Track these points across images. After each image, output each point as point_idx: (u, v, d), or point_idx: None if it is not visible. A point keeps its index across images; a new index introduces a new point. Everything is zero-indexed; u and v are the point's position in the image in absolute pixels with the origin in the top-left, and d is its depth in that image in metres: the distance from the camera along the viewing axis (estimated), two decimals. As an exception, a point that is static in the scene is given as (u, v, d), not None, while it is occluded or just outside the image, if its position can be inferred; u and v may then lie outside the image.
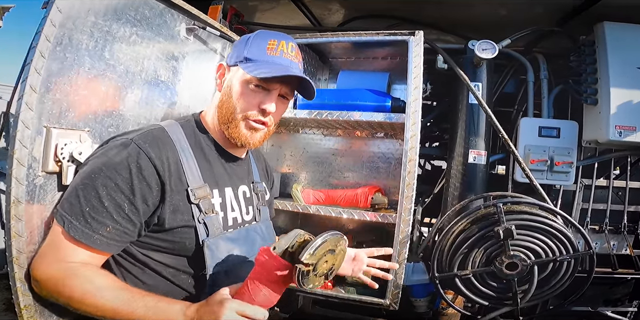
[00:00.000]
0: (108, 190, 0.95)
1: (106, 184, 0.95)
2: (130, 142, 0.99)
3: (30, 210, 1.00)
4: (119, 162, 0.96)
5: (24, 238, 0.99)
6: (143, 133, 1.04)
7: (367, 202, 1.78)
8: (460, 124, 1.80)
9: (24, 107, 0.98)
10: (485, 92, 1.75)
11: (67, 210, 0.95)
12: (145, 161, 0.98)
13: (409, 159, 1.54)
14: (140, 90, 1.37)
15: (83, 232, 0.93)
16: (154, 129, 1.07)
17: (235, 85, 1.12)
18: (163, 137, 1.06)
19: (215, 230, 1.08)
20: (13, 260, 0.97)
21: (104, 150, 1.00)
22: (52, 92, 1.05)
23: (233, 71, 1.14)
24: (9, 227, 0.97)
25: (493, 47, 1.65)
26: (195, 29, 1.58)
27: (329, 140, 2.12)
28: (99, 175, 0.95)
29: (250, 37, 1.14)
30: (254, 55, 1.10)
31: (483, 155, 1.75)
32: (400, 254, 1.58)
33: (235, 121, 1.11)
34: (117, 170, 0.96)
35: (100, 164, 0.97)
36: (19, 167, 0.96)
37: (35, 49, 1.01)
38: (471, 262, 1.51)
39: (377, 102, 1.68)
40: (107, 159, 0.97)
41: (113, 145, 1.01)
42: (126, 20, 1.27)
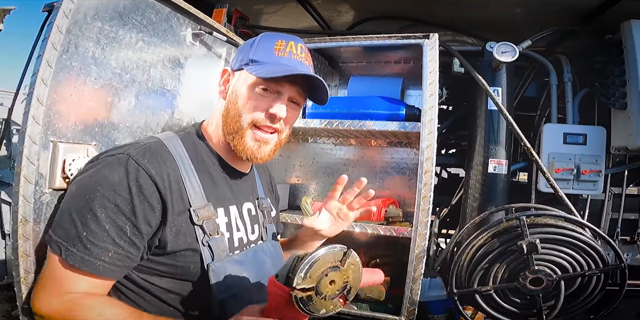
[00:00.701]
0: (107, 212, 0.92)
1: (105, 206, 0.92)
2: (127, 158, 0.96)
3: (37, 228, 1.03)
4: (117, 182, 0.93)
5: (31, 258, 1.01)
6: (140, 147, 1.00)
7: (380, 215, 1.80)
8: (479, 131, 1.83)
9: (31, 121, 1.01)
10: (505, 97, 1.77)
11: (62, 236, 0.91)
12: (145, 179, 0.95)
13: (425, 170, 1.57)
14: (147, 100, 1.41)
15: (83, 259, 0.90)
16: (152, 143, 1.03)
17: (241, 90, 1.09)
18: (162, 151, 1.03)
19: (221, 253, 1.05)
20: (21, 281, 1.00)
21: (97, 168, 0.96)
22: (59, 104, 1.09)
23: (238, 76, 1.12)
24: (17, 246, 0.99)
25: (513, 49, 1.67)
26: (202, 34, 1.62)
27: (340, 149, 2.16)
28: (95, 196, 0.92)
29: (256, 40, 1.13)
30: (260, 57, 1.08)
31: (504, 165, 1.78)
32: (417, 269, 1.60)
33: (241, 131, 1.08)
34: (115, 190, 0.93)
35: (94, 184, 0.93)
36: (26, 184, 1.00)
37: (42, 57, 1.04)
38: (492, 277, 1.51)
39: (391, 110, 1.71)
40: (102, 178, 0.93)
41: (107, 162, 0.96)
42: (132, 26, 1.31)
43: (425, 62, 1.63)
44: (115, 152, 0.98)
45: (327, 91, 1.13)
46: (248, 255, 1.15)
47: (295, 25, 2.35)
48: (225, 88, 1.16)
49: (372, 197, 1.33)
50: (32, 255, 1.02)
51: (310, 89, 1.15)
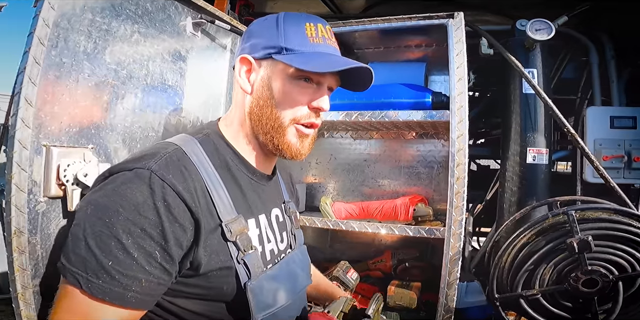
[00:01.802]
0: (134, 238, 0.84)
1: (130, 231, 0.83)
2: (149, 174, 0.87)
3: (33, 240, 0.99)
4: (141, 202, 0.85)
5: (28, 272, 0.98)
6: (161, 159, 0.91)
7: (408, 214, 1.74)
8: (514, 118, 1.75)
9: (20, 124, 0.97)
10: (541, 79, 1.69)
11: (79, 266, 0.82)
12: (173, 197, 0.87)
13: (457, 162, 1.50)
14: (147, 97, 1.36)
15: (112, 291, 0.82)
16: (171, 153, 0.94)
17: (276, 83, 1.02)
18: (185, 161, 0.95)
19: (257, 270, 1.00)
20: (18, 297, 0.96)
21: (114, 186, 0.87)
22: (50, 105, 1.04)
23: (267, 66, 1.04)
24: (12, 260, 0.96)
25: (548, 26, 1.59)
26: (203, 24, 1.58)
27: (359, 144, 2.10)
28: (117, 220, 0.83)
29: (278, 22, 1.04)
30: (293, 44, 1.00)
31: (544, 154, 1.70)
32: (452, 273, 1.53)
33: (281, 128, 1.02)
34: (140, 212, 0.84)
35: (114, 205, 0.84)
36: (18, 193, 0.95)
37: (28, 54, 0.99)
38: (539, 280, 1.44)
39: (416, 98, 1.64)
40: (122, 198, 0.85)
41: (126, 178, 0.87)
42: (126, 17, 1.26)
43: (451, 43, 1.56)
44: (133, 166, 0.89)
45: (372, 77, 1.09)
46: (282, 269, 1.11)
47: (305, 10, 2.29)
48: (250, 80, 1.06)
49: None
50: (29, 269, 0.98)
51: (347, 75, 1.09)
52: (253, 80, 1.06)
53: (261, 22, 1.07)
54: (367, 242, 1.93)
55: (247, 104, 1.06)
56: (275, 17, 1.05)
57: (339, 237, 2.09)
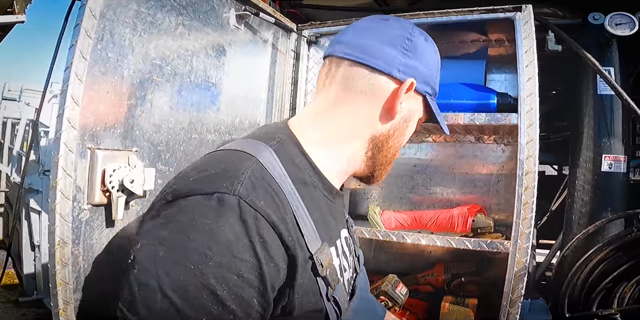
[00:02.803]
0: (230, 287, 0.69)
1: (225, 279, 0.68)
2: (236, 201, 0.72)
3: (75, 251, 0.96)
4: (234, 240, 0.70)
5: (71, 285, 0.94)
6: (244, 179, 0.75)
7: (466, 225, 1.67)
8: (587, 121, 1.66)
9: (66, 125, 0.94)
10: (619, 78, 1.61)
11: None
12: (267, 230, 0.73)
13: (526, 170, 1.43)
14: (191, 96, 1.33)
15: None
16: (253, 168, 0.79)
17: (413, 122, 1.01)
18: (269, 180, 0.79)
19: (344, 305, 0.90)
20: (59, 313, 0.92)
21: (190, 218, 0.71)
22: (95, 104, 1.00)
23: (416, 100, 0.98)
24: (54, 273, 0.92)
25: (631, 20, 1.51)
26: (247, 16, 1.54)
27: (409, 147, 2.03)
28: (206, 266, 0.68)
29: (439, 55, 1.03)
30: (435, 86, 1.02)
31: (622, 161, 1.61)
32: (515, 290, 1.46)
33: (392, 162, 1.02)
34: (235, 254, 0.69)
35: (199, 246, 0.69)
36: (63, 200, 0.91)
37: (74, 48, 0.95)
38: (617, 298, 1.39)
39: (479, 99, 1.57)
40: (207, 235, 0.69)
41: (204, 206, 0.72)
42: (171, 8, 1.23)
43: (519, 39, 1.48)
44: (213, 190, 0.72)
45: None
46: (362, 302, 1.03)
47: (349, 2, 2.24)
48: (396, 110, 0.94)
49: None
50: (71, 283, 0.94)
51: None
52: (400, 109, 0.95)
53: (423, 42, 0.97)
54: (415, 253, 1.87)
55: (380, 128, 0.96)
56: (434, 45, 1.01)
57: (385, 247, 2.02)
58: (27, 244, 4.24)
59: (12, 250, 4.67)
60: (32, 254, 4.19)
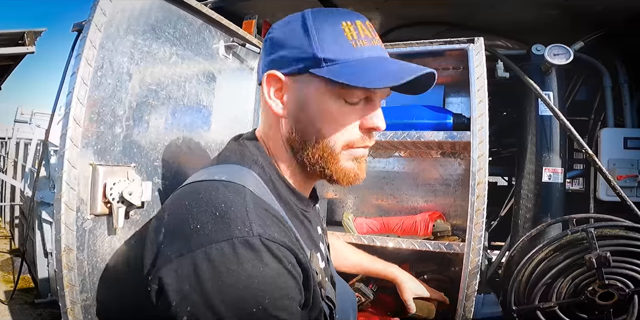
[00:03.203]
0: (293, 312, 0.69)
1: (286, 306, 0.68)
2: (258, 240, 0.67)
3: (80, 257, 0.95)
4: (276, 275, 0.68)
5: (77, 287, 0.94)
6: (251, 215, 0.70)
7: (427, 230, 1.69)
8: (530, 138, 1.70)
9: (69, 143, 0.94)
10: (557, 101, 1.66)
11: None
12: (290, 257, 0.71)
13: (478, 181, 1.46)
14: (184, 117, 1.33)
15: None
16: (250, 202, 0.72)
17: (317, 104, 0.79)
18: (267, 207, 0.75)
19: (334, 300, 0.91)
20: (67, 312, 0.93)
21: (228, 267, 0.65)
22: (96, 125, 1.01)
23: (301, 83, 0.81)
24: (61, 276, 0.92)
25: (567, 51, 1.56)
26: (235, 46, 1.55)
27: (378, 162, 2.05)
28: (268, 304, 0.66)
29: (308, 24, 0.78)
30: (334, 53, 0.76)
31: (560, 173, 1.65)
32: (470, 286, 1.48)
33: (332, 157, 0.81)
34: (282, 286, 0.68)
35: (255, 291, 0.65)
36: (68, 211, 0.92)
37: (76, 75, 0.96)
38: (556, 293, 1.41)
39: (437, 119, 1.60)
40: (252, 279, 0.65)
41: (233, 252, 0.65)
42: (165, 39, 1.24)
43: (471, 67, 1.52)
44: (229, 236, 0.66)
45: (434, 78, 0.86)
46: (340, 288, 1.03)
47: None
48: (282, 101, 0.83)
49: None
50: (77, 285, 0.94)
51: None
52: (286, 101, 0.83)
53: (284, 26, 0.84)
54: (384, 254, 1.87)
55: (284, 130, 0.85)
56: (301, 18, 0.81)
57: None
58: (41, 252, 4.22)
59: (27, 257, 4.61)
60: (46, 261, 4.17)
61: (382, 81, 0.74)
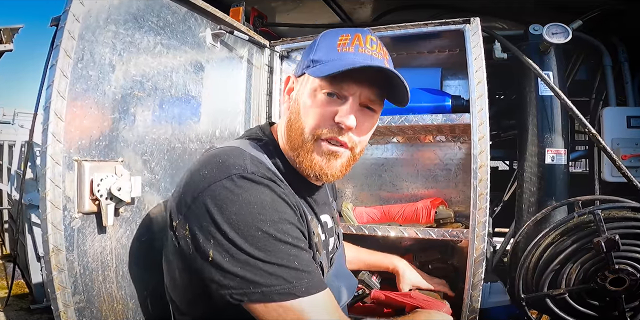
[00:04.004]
0: (288, 232, 0.83)
1: (284, 229, 0.83)
2: (252, 175, 0.84)
3: (70, 257, 0.93)
4: (271, 201, 0.84)
5: (69, 289, 0.91)
6: (246, 161, 0.87)
7: (430, 217, 1.67)
8: (531, 119, 1.68)
9: (51, 139, 0.91)
10: (557, 81, 1.63)
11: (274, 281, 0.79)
12: (283, 193, 0.88)
13: (479, 164, 1.43)
14: (172, 108, 1.30)
15: (319, 281, 0.83)
16: (247, 156, 0.90)
17: (303, 98, 0.95)
18: (266, 166, 0.93)
19: (326, 270, 1.00)
20: (60, 315, 0.90)
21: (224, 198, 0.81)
22: (79, 119, 0.98)
23: (301, 82, 0.99)
24: (51, 278, 0.89)
25: (565, 30, 1.53)
26: (222, 34, 1.52)
27: (376, 148, 2.03)
28: (268, 226, 0.81)
29: (317, 38, 1.00)
30: (320, 56, 0.93)
31: (563, 154, 1.63)
32: (476, 274, 1.46)
33: (305, 145, 0.93)
34: (278, 209, 0.84)
35: (250, 216, 0.80)
36: (54, 210, 0.88)
37: (55, 67, 0.93)
38: (565, 279, 1.39)
39: (435, 102, 1.58)
40: (250, 205, 0.81)
41: (232, 185, 0.82)
42: (149, 28, 1.20)
43: (468, 48, 1.49)
44: (229, 174, 0.83)
45: (406, 89, 0.94)
46: (339, 269, 1.13)
47: (316, 21, 2.24)
48: (290, 97, 1.02)
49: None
50: (69, 287, 0.92)
51: (388, 89, 0.96)
52: (292, 97, 1.01)
53: (311, 43, 1.03)
54: (386, 244, 1.86)
55: (285, 120, 1.01)
56: (320, 34, 1.01)
57: (358, 240, 2.01)
58: (33, 256, 4.17)
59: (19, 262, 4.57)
60: (38, 265, 4.13)
61: (327, 73, 0.87)
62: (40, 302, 4.03)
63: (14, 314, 3.95)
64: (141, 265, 1.11)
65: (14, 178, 5.60)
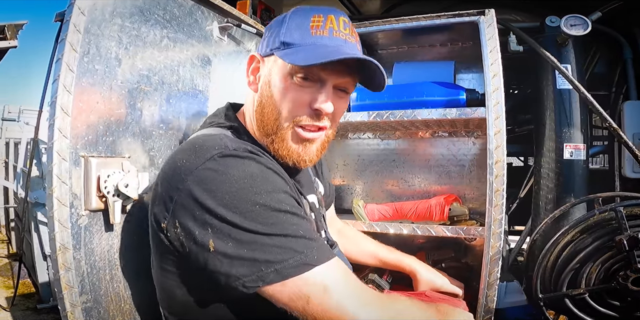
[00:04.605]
0: (283, 200, 0.81)
1: (279, 199, 0.81)
2: (235, 152, 0.82)
3: (77, 256, 0.92)
4: (260, 172, 0.82)
5: (76, 289, 0.90)
6: (225, 140, 0.86)
7: (443, 214, 1.64)
8: (548, 114, 1.65)
9: (58, 134, 0.90)
10: (575, 74, 1.60)
11: (286, 255, 0.76)
12: (269, 164, 0.86)
13: (495, 160, 1.41)
14: (179, 103, 1.29)
15: (328, 250, 0.82)
16: (225, 137, 0.89)
17: (275, 81, 0.92)
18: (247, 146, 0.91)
19: None
20: (68, 315, 0.89)
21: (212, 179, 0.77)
22: (86, 114, 0.97)
23: (269, 62, 0.95)
24: (58, 277, 0.88)
25: (584, 22, 1.50)
26: (229, 28, 1.50)
27: (387, 144, 2.01)
28: (263, 197, 0.78)
29: (286, 16, 0.94)
30: (293, 38, 0.90)
31: (582, 150, 1.60)
32: (492, 273, 1.44)
33: (281, 131, 0.93)
34: (269, 179, 0.82)
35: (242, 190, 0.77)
36: (60, 207, 0.88)
37: (61, 61, 0.92)
38: (585, 278, 1.37)
39: (449, 95, 1.55)
40: (240, 180, 0.78)
41: (216, 164, 0.79)
42: (155, 22, 1.19)
43: (483, 40, 1.46)
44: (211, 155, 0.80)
45: (383, 75, 0.94)
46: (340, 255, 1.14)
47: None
48: (256, 78, 0.98)
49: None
50: (76, 286, 0.91)
51: (361, 72, 0.96)
52: (258, 78, 0.98)
53: (276, 19, 0.98)
54: (397, 242, 1.83)
55: (254, 103, 0.98)
56: (288, 12, 0.96)
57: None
58: (39, 255, 4.18)
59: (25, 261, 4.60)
60: (45, 264, 4.14)
61: (309, 62, 0.84)
62: (46, 301, 4.04)
63: (21, 314, 3.97)
64: (149, 263, 1.10)
65: (19, 176, 5.63)
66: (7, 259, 5.99)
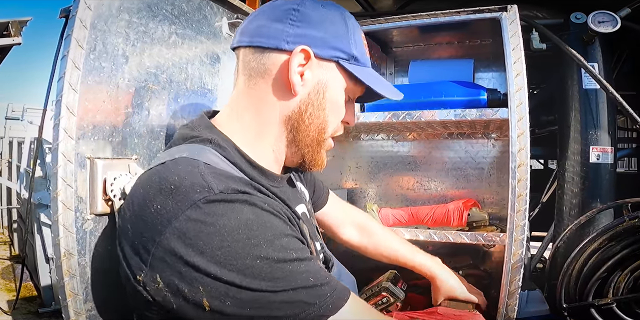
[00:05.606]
0: (286, 246, 0.71)
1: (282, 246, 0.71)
2: (222, 195, 0.69)
3: (82, 262, 0.90)
4: (255, 217, 0.71)
5: (80, 296, 0.88)
6: (207, 176, 0.72)
7: (462, 219, 1.61)
8: (574, 115, 1.62)
9: (63, 134, 0.88)
10: (602, 74, 1.56)
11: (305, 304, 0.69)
12: (263, 201, 0.76)
13: (518, 163, 1.38)
14: (187, 102, 1.27)
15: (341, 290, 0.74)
16: (204, 168, 0.75)
17: (333, 92, 0.89)
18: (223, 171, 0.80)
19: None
20: (71, 324, 0.87)
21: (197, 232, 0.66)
22: (92, 113, 0.95)
23: (328, 69, 0.88)
24: (62, 284, 0.86)
25: (613, 19, 1.47)
26: (239, 24, 1.48)
27: (402, 146, 1.99)
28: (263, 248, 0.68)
29: (347, 21, 0.88)
30: (360, 55, 0.90)
31: (609, 153, 1.56)
32: (513, 282, 1.41)
33: (321, 143, 0.92)
34: (267, 225, 0.72)
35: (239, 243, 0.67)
36: (66, 211, 0.86)
37: (67, 58, 0.90)
38: (613, 288, 1.35)
39: (469, 95, 1.52)
40: (235, 230, 0.67)
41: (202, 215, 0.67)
42: (163, 17, 1.17)
43: (506, 38, 1.43)
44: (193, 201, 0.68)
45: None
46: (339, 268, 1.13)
47: (337, 9, 2.20)
48: (302, 79, 0.86)
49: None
50: (80, 294, 0.89)
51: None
52: (307, 81, 0.86)
53: (319, 7, 0.87)
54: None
55: (288, 107, 0.88)
56: (337, 10, 0.89)
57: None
58: (42, 257, 4.20)
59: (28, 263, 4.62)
60: (47, 267, 4.15)
61: (392, 94, 0.95)
62: (48, 305, 4.06)
63: (22, 318, 3.99)
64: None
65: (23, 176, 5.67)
66: (9, 261, 6.03)
